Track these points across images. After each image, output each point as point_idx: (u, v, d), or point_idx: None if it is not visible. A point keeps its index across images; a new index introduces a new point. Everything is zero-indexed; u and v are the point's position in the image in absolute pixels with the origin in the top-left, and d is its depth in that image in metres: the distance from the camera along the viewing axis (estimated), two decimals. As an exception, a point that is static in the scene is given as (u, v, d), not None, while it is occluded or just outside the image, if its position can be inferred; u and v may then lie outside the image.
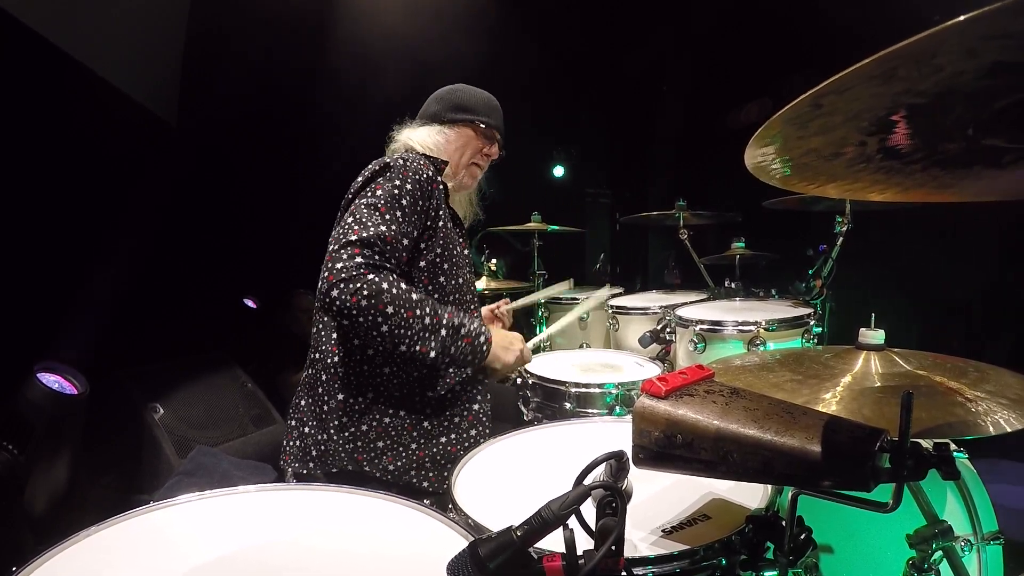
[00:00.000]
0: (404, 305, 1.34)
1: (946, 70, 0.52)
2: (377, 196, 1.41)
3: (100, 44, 2.37)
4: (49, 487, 1.85)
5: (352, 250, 1.32)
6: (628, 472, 0.80)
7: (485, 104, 1.73)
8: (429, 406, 1.52)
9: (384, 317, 1.32)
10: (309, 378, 1.55)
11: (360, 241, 1.33)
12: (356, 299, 1.29)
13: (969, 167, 0.71)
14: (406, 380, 1.50)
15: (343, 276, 1.30)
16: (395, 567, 0.84)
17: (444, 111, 1.70)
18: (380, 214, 1.39)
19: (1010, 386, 0.99)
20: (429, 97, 1.76)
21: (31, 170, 2.18)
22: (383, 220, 1.38)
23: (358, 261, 1.32)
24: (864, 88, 0.57)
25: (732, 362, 1.23)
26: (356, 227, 1.35)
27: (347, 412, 1.48)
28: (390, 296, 1.32)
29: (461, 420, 1.54)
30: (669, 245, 3.84)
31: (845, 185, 0.83)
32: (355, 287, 1.29)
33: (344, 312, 1.31)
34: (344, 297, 1.29)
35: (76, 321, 2.25)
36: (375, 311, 1.31)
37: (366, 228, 1.35)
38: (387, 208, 1.40)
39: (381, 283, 1.32)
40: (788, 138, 0.71)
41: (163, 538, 0.92)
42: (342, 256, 1.32)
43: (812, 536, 0.88)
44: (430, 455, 1.49)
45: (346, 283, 1.29)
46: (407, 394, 1.50)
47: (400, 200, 1.42)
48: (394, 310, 1.32)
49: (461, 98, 1.71)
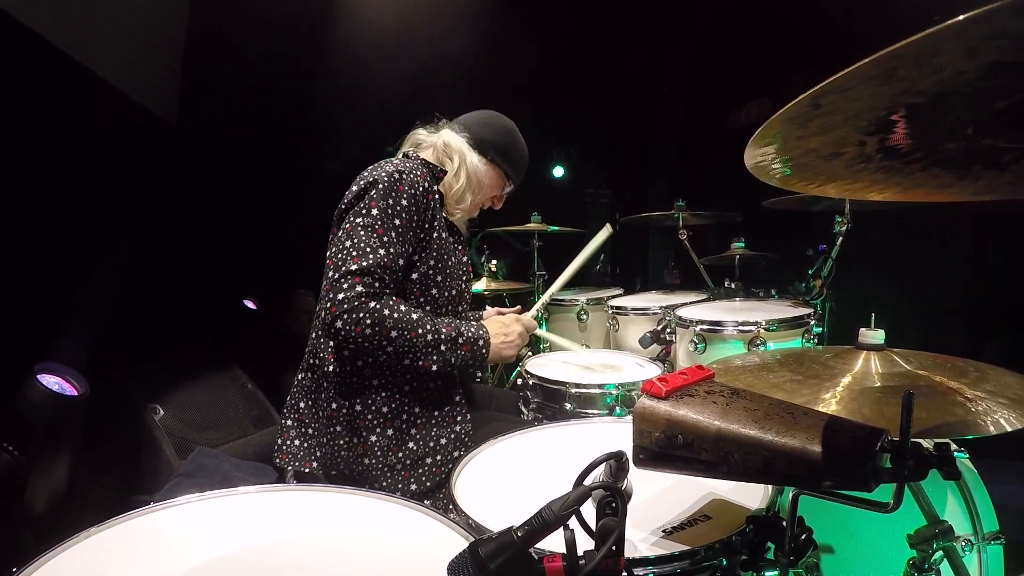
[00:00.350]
0: (406, 328, 1.39)
1: (946, 70, 0.52)
2: (373, 216, 1.41)
3: (100, 44, 2.37)
4: (49, 488, 1.85)
5: (352, 280, 1.35)
6: (628, 472, 0.80)
7: (523, 162, 1.76)
8: (414, 426, 1.52)
9: (388, 341, 1.38)
10: (309, 381, 1.55)
11: (360, 270, 1.36)
12: (360, 329, 1.34)
13: (969, 167, 0.72)
14: (394, 395, 1.51)
15: (346, 307, 1.33)
16: (395, 567, 0.84)
17: (491, 149, 1.68)
18: (378, 236, 1.40)
19: (1010, 386, 0.99)
20: (484, 113, 1.73)
21: (31, 170, 2.18)
22: (380, 243, 1.39)
23: (359, 291, 1.35)
24: (864, 88, 0.57)
25: (732, 362, 1.23)
26: (355, 253, 1.37)
27: (340, 422, 1.49)
28: (392, 321, 1.37)
29: (448, 443, 1.54)
30: (669, 245, 3.84)
31: (845, 185, 0.83)
32: (358, 317, 1.34)
33: (349, 340, 1.36)
34: (348, 328, 1.34)
35: (76, 321, 2.25)
36: (379, 337, 1.36)
37: (365, 256, 1.37)
38: (384, 229, 1.41)
39: (383, 310, 1.36)
40: (788, 138, 0.71)
41: (163, 539, 0.92)
42: (343, 286, 1.35)
43: (813, 536, 0.88)
44: (415, 476, 1.49)
45: (349, 314, 1.33)
46: (395, 409, 1.50)
47: (394, 220, 1.42)
48: (397, 334, 1.38)
49: (511, 147, 1.72)
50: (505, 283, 3.16)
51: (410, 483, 1.49)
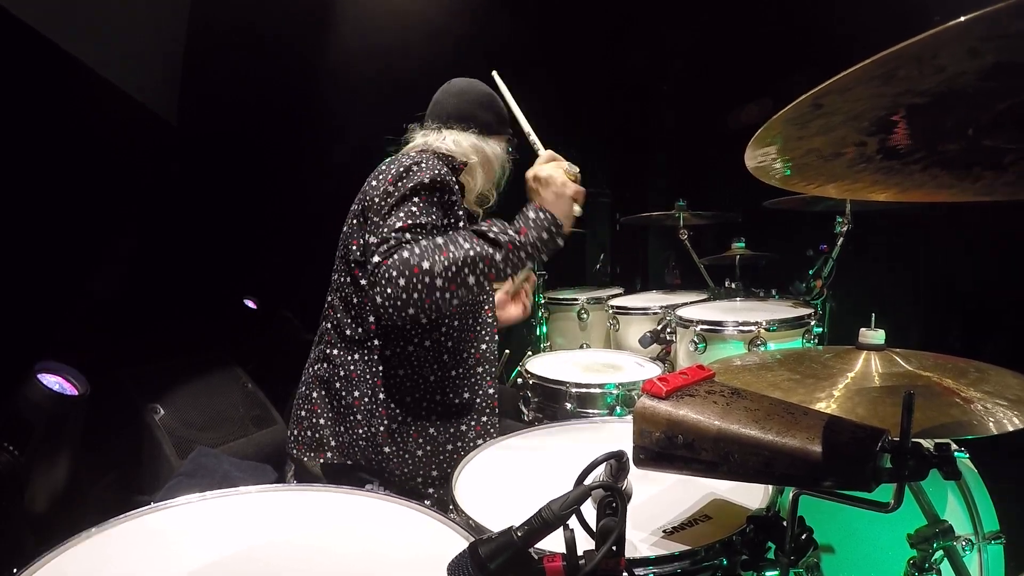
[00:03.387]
0: (434, 251, 1.26)
1: (947, 71, 0.52)
2: (390, 204, 1.37)
3: (100, 43, 2.37)
4: (49, 487, 1.84)
5: (373, 260, 1.29)
6: (628, 472, 0.80)
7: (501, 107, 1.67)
8: (436, 412, 1.51)
9: (428, 275, 1.24)
10: (325, 371, 1.54)
11: (375, 247, 1.30)
12: (393, 285, 1.24)
13: (969, 167, 0.72)
14: (418, 384, 1.50)
15: (373, 281, 1.27)
16: (395, 568, 0.84)
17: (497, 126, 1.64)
18: (394, 215, 1.35)
19: (1010, 386, 0.99)
20: (468, 98, 1.66)
21: (31, 170, 2.18)
22: (396, 216, 1.34)
23: (376, 260, 1.28)
24: (865, 88, 0.57)
25: (732, 363, 1.23)
26: (373, 239, 1.33)
27: (360, 411, 1.48)
28: (416, 256, 1.25)
29: (468, 430, 1.53)
30: (669, 245, 3.83)
31: (845, 185, 0.83)
32: (385, 277, 1.24)
33: (399, 304, 1.24)
34: (386, 294, 1.24)
35: (76, 321, 2.25)
36: (415, 277, 1.23)
37: (379, 231, 1.33)
38: (399, 207, 1.36)
39: (400, 253, 1.26)
40: (789, 138, 0.71)
41: (163, 539, 0.92)
42: (368, 271, 1.30)
43: (813, 536, 0.88)
44: (436, 463, 1.49)
45: (378, 283, 1.25)
46: (417, 399, 1.50)
47: (413, 198, 1.37)
48: (430, 262, 1.24)
49: (499, 108, 1.65)
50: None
51: (431, 469, 1.48)
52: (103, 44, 2.39)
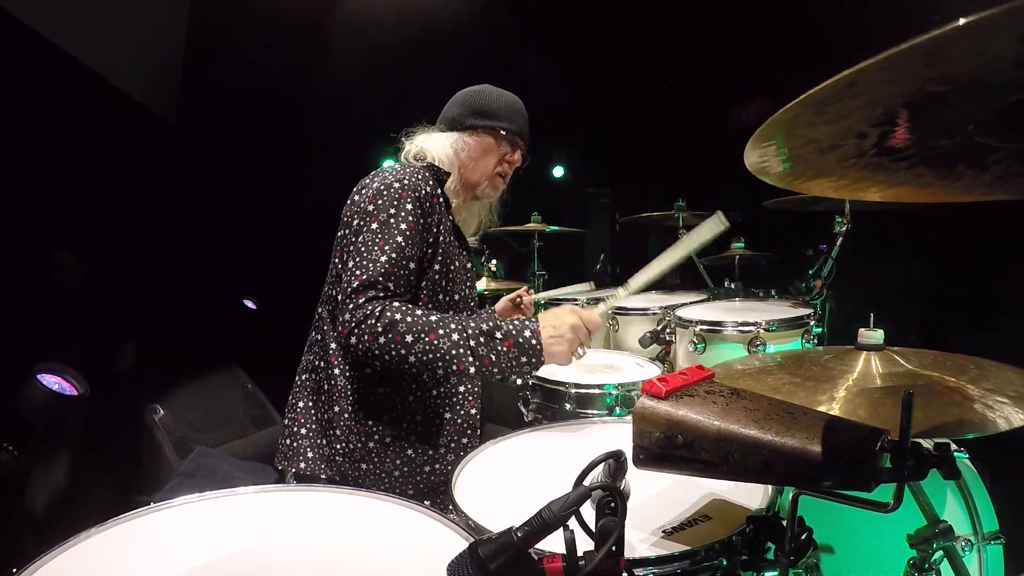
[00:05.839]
0: (423, 329, 1.30)
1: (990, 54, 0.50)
2: (373, 230, 1.38)
3: (100, 43, 2.37)
4: (49, 487, 1.84)
5: (357, 297, 1.31)
6: (626, 472, 0.80)
7: (508, 108, 1.63)
8: (415, 432, 1.49)
9: (407, 348, 1.29)
10: (311, 382, 1.54)
11: (362, 285, 1.32)
12: (372, 338, 1.28)
13: (953, 165, 0.71)
14: (396, 404, 1.48)
15: (353, 323, 1.29)
16: (395, 568, 0.84)
17: (464, 116, 1.61)
18: (379, 248, 1.36)
19: (1011, 382, 0.99)
20: (450, 99, 1.67)
21: (31, 169, 2.18)
22: (382, 252, 1.36)
23: (361, 302, 1.31)
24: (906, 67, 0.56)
25: (733, 367, 1.23)
26: (357, 272, 1.34)
27: (339, 426, 1.47)
28: (406, 325, 1.29)
29: (448, 452, 1.51)
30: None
31: (831, 181, 0.82)
32: (368, 326, 1.29)
33: (369, 356, 1.30)
34: (362, 341, 1.29)
35: (76, 321, 2.25)
36: (395, 344, 1.28)
37: (366, 269, 1.34)
38: (384, 239, 1.37)
39: (393, 314, 1.30)
40: (799, 123, 0.69)
41: (163, 539, 0.92)
42: (348, 306, 1.31)
43: (813, 536, 0.88)
44: (413, 483, 1.48)
45: (359, 326, 1.29)
46: (396, 418, 1.48)
47: (399, 225, 1.39)
48: (414, 337, 1.29)
49: (482, 103, 1.61)
50: (505, 283, 3.16)
51: (407, 489, 1.48)
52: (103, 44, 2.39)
